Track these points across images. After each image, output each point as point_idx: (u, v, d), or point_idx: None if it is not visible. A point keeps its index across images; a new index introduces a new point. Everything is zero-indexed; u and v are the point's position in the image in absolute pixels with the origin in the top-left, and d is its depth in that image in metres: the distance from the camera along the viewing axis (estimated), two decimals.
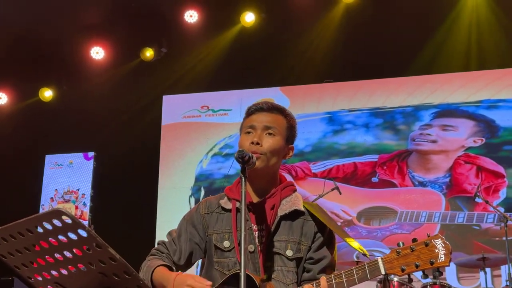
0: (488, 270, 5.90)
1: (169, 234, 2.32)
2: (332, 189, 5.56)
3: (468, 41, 6.87)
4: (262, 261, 2.14)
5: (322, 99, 7.34)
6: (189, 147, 7.56)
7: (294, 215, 2.21)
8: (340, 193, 5.69)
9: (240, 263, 1.85)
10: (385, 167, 6.90)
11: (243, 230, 1.87)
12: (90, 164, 7.41)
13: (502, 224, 5.31)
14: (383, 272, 1.90)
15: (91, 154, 7.47)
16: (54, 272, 1.66)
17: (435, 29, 6.92)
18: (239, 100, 7.57)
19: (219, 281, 2.10)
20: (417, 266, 1.86)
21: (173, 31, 7.47)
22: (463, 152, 6.71)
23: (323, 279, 1.97)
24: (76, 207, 7.26)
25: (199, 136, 7.58)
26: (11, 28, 7.34)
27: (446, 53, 6.94)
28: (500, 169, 6.58)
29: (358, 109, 7.17)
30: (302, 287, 2.03)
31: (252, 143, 2.19)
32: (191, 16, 7.31)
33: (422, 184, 6.75)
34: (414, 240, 1.90)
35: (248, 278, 1.94)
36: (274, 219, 2.19)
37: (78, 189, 7.35)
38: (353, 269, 1.95)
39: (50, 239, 1.58)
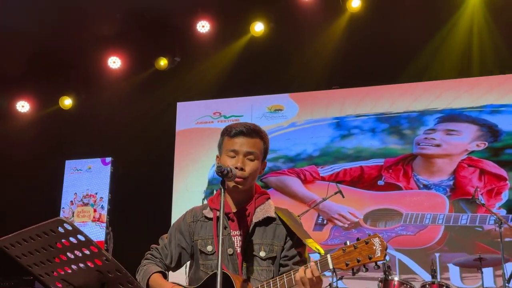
0: (490, 270, 6.11)
1: (161, 239, 2.66)
2: (335, 193, 5.78)
3: (469, 47, 7.07)
4: (240, 262, 2.46)
5: (330, 105, 7.59)
6: (202, 151, 7.83)
7: (267, 221, 2.53)
8: (343, 197, 5.91)
9: (218, 265, 2.16)
10: (390, 170, 7.13)
11: (220, 235, 2.21)
12: (108, 169, 7.71)
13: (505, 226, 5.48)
14: (331, 266, 2.20)
15: (108, 159, 7.77)
16: (60, 271, 2.03)
17: (437, 36, 7.13)
18: (250, 106, 7.84)
19: (202, 282, 2.44)
20: (358, 261, 2.15)
21: (186, 41, 7.76)
22: (467, 156, 6.91)
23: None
24: (95, 210, 7.58)
25: (211, 141, 7.83)
26: (33, 41, 7.68)
27: (449, 59, 7.14)
28: (502, 172, 6.77)
29: (364, 115, 7.40)
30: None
31: (237, 168, 2.45)
32: (203, 27, 7.60)
33: (426, 187, 6.96)
34: (358, 239, 2.16)
35: (226, 277, 2.29)
36: (250, 226, 2.51)
37: (96, 193, 7.66)
38: (308, 264, 2.25)
39: (55, 242, 1.95)
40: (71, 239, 1.94)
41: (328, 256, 2.19)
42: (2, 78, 8.13)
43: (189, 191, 7.69)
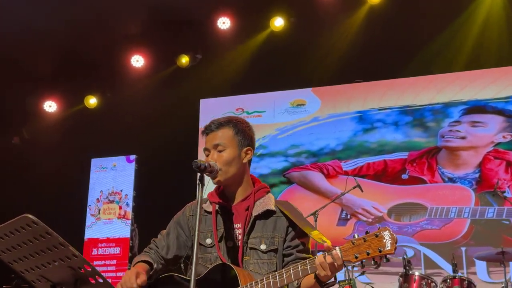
0: None
1: (160, 233, 2.67)
2: (354, 187, 5.73)
3: (494, 37, 6.91)
4: (240, 255, 2.46)
5: (353, 98, 7.52)
6: None
7: (267, 214, 2.52)
8: (362, 191, 5.84)
9: (192, 258, 2.20)
10: (414, 164, 7.03)
11: (196, 230, 2.24)
12: (132, 166, 7.83)
13: None
14: (341, 258, 2.15)
15: (132, 157, 7.88)
16: (38, 267, 2.10)
17: (460, 26, 7.00)
18: (272, 101, 7.84)
19: (203, 274, 2.44)
20: (368, 254, 2.11)
21: (207, 37, 7.79)
22: (493, 148, 6.77)
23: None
24: (120, 207, 7.70)
25: None
26: (58, 41, 7.82)
27: (474, 50, 7.00)
28: None
29: (388, 108, 7.32)
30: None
31: None
32: (224, 23, 7.61)
33: (451, 180, 6.85)
34: (367, 232, 2.13)
35: (229, 269, 2.31)
36: (250, 219, 2.50)
37: (121, 190, 7.78)
38: (317, 255, 2.22)
39: (28, 239, 2.02)
40: (41, 235, 2.01)
41: (337, 248, 2.17)
42: (30, 78, 8.32)
43: (213, 187, 7.70)
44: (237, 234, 2.51)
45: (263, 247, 2.46)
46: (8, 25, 7.40)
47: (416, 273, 5.04)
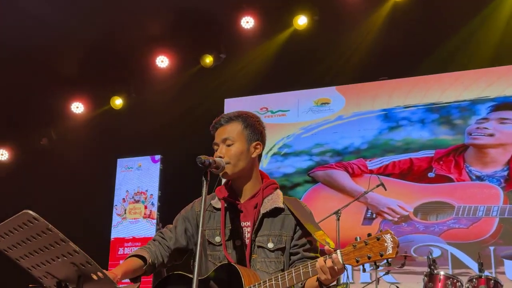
0: None
1: (166, 227, 2.66)
2: (377, 186, 5.66)
3: None
4: (248, 253, 2.43)
5: (377, 96, 7.44)
6: None
7: (276, 211, 2.49)
8: (385, 189, 5.76)
9: (195, 256, 2.18)
10: (441, 162, 6.93)
11: (200, 226, 2.20)
12: (157, 166, 7.88)
13: None
14: (341, 262, 2.11)
15: (157, 157, 7.94)
16: (43, 263, 2.12)
17: (486, 21, 6.87)
18: (297, 100, 7.81)
19: (209, 272, 2.44)
20: (369, 258, 2.06)
21: (231, 37, 7.80)
22: None
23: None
24: (145, 207, 7.76)
25: None
26: (84, 43, 7.93)
27: (501, 45, 6.86)
28: None
29: (413, 105, 7.22)
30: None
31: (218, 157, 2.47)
32: (247, 22, 7.60)
33: (479, 178, 6.72)
34: (369, 235, 2.09)
35: (234, 269, 2.30)
36: (258, 217, 2.48)
37: (147, 190, 7.84)
38: (317, 259, 2.19)
39: (31, 235, 2.03)
40: (42, 231, 2.01)
41: (338, 251, 2.13)
42: (58, 80, 8.45)
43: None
44: (246, 232, 2.48)
45: (270, 245, 2.44)
46: (36, 28, 7.53)
47: (441, 273, 4.96)
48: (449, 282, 4.90)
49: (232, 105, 8.10)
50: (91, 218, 7.80)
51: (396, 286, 5.56)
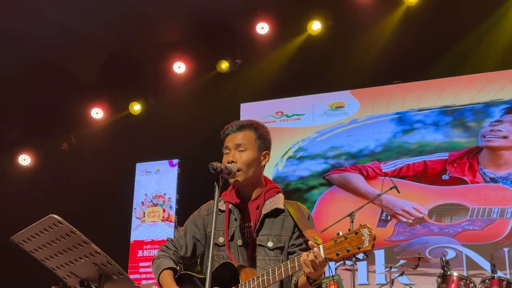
0: None
1: (177, 231, 2.81)
2: (390, 188, 5.74)
3: None
4: (249, 252, 2.58)
5: (392, 100, 7.52)
6: None
7: (276, 213, 2.63)
8: (399, 192, 5.84)
9: (208, 255, 2.34)
10: (455, 164, 6.98)
11: (213, 228, 2.35)
12: (175, 170, 8.04)
13: None
14: (323, 256, 2.24)
15: (175, 161, 8.10)
16: (66, 264, 2.29)
17: (499, 24, 6.91)
18: (311, 104, 7.91)
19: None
20: (348, 251, 2.20)
21: (246, 43, 7.93)
22: None
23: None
24: (164, 210, 7.92)
25: (274, 141, 7.79)
26: (103, 50, 8.13)
27: None
28: None
29: (427, 108, 7.28)
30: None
31: (229, 162, 2.61)
32: (262, 28, 7.74)
33: (493, 180, 6.77)
34: (349, 230, 2.24)
35: (232, 266, 2.46)
36: (259, 217, 2.62)
37: (165, 194, 8.00)
38: (302, 254, 2.32)
39: (56, 238, 2.20)
40: (66, 234, 2.18)
41: (321, 246, 2.26)
42: (78, 86, 8.66)
43: None
44: (248, 232, 2.62)
45: (270, 244, 2.58)
46: (56, 35, 7.74)
47: (455, 274, 5.02)
48: (462, 283, 4.97)
49: (248, 109, 8.22)
50: (111, 221, 7.98)
51: (410, 287, 5.63)
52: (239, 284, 2.43)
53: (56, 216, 2.14)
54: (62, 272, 2.33)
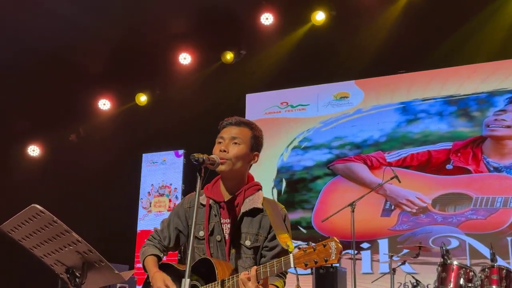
0: None
1: (162, 222, 2.87)
2: (392, 178, 5.77)
3: None
4: (227, 249, 2.63)
5: (396, 90, 7.54)
6: (270, 141, 7.99)
7: (254, 212, 2.66)
8: (400, 181, 5.86)
9: (188, 248, 2.35)
10: (459, 154, 7.00)
11: (194, 221, 2.38)
12: (181, 160, 8.12)
13: None
14: (292, 265, 2.29)
15: (181, 151, 8.17)
16: (52, 252, 2.40)
17: (503, 13, 6.89)
18: (316, 95, 7.94)
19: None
20: (315, 262, 2.25)
21: (251, 34, 7.97)
22: None
23: (253, 268, 2.38)
24: (170, 200, 8.01)
25: (280, 131, 8.03)
26: (109, 42, 8.19)
27: None
28: None
29: (431, 98, 7.29)
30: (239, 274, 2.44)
31: (221, 150, 2.63)
32: (267, 19, 7.77)
33: (497, 169, 6.78)
34: (319, 240, 2.27)
35: (209, 262, 2.51)
36: (238, 215, 2.65)
37: (171, 184, 8.09)
38: (274, 261, 2.36)
39: (40, 227, 2.30)
40: (49, 223, 2.27)
41: (291, 255, 2.30)
42: (85, 78, 8.74)
43: (258, 180, 7.85)
44: (226, 229, 2.66)
45: (247, 243, 2.62)
46: (64, 28, 7.81)
47: (455, 263, 5.06)
48: (462, 272, 5.00)
49: (253, 100, 8.28)
50: (118, 211, 8.07)
51: (413, 276, 5.67)
52: (216, 282, 2.49)
53: (37, 206, 2.23)
54: (50, 260, 2.44)
